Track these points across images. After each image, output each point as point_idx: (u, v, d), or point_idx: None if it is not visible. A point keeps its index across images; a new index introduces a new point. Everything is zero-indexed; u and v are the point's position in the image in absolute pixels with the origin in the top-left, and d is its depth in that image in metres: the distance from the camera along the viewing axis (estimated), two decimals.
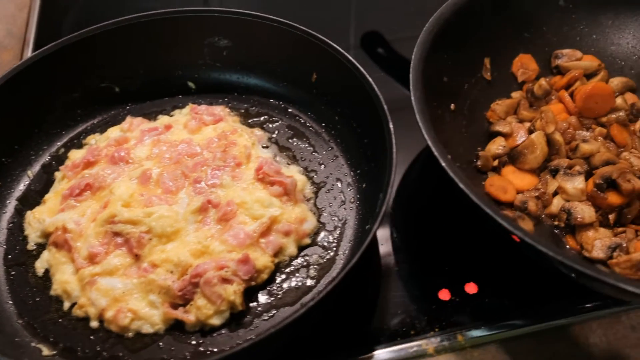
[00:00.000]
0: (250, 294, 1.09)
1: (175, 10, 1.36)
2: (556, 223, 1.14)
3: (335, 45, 1.24)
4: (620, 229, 1.10)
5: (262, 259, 1.09)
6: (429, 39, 1.18)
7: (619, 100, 1.28)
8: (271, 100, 1.41)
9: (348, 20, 1.78)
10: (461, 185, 0.94)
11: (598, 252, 1.06)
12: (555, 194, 1.17)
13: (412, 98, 1.07)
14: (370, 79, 1.17)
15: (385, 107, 1.11)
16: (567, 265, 0.84)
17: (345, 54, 1.22)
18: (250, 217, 1.13)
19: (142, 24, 1.36)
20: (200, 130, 1.31)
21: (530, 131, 1.23)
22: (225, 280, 1.05)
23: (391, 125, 1.08)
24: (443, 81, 1.24)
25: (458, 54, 1.27)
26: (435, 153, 0.98)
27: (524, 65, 1.37)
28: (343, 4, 1.83)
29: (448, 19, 1.23)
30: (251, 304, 1.08)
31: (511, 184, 1.19)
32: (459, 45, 1.27)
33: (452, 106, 1.25)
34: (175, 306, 1.06)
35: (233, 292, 1.04)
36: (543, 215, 1.16)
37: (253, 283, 1.08)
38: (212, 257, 1.08)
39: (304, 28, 1.28)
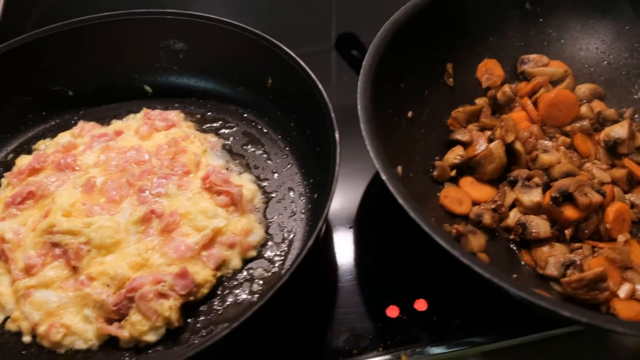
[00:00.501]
0: (190, 308, 1.04)
1: (128, 12, 1.31)
2: (512, 237, 1.09)
3: (286, 49, 1.19)
4: (576, 245, 1.05)
5: (203, 273, 1.05)
6: (382, 44, 1.13)
7: (584, 109, 1.22)
8: (229, 106, 1.36)
9: (330, 22, 1.74)
10: (400, 201, 0.89)
11: (551, 270, 1.01)
12: (512, 206, 1.12)
13: (359, 107, 1.02)
14: (319, 85, 1.11)
15: (332, 115, 1.07)
16: (503, 288, 0.79)
17: (297, 58, 1.17)
18: (193, 228, 1.09)
19: (95, 25, 1.32)
20: (152, 136, 1.27)
21: (490, 140, 1.18)
22: (162, 295, 1.01)
23: (337, 135, 1.03)
24: (400, 87, 1.19)
25: (417, 59, 1.22)
26: (377, 165, 0.94)
27: (489, 70, 1.32)
28: (324, 6, 1.79)
29: (405, 23, 1.17)
30: (189, 320, 1.04)
31: (468, 195, 1.15)
32: (418, 50, 1.22)
33: (410, 114, 1.20)
34: (110, 321, 1.02)
35: (169, 307, 1.00)
36: (499, 229, 1.11)
37: (192, 298, 1.04)
38: (150, 271, 1.04)
39: (258, 31, 1.24)
